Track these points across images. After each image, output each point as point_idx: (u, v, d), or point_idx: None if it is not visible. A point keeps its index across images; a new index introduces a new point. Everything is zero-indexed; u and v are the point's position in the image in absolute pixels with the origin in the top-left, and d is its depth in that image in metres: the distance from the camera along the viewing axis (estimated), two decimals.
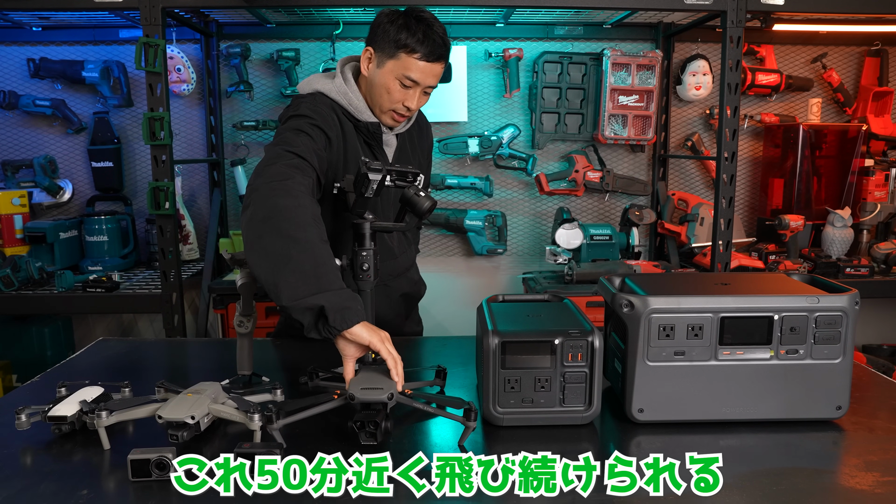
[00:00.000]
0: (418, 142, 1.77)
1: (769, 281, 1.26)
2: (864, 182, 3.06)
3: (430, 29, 1.50)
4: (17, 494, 0.92)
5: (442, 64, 1.54)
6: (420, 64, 1.50)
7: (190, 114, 3.09)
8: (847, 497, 0.92)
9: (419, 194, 1.24)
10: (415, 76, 1.51)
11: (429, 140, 1.84)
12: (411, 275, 1.80)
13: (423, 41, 1.49)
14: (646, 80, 2.99)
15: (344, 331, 1.11)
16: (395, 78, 1.52)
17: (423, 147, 1.80)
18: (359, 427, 1.02)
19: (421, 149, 1.78)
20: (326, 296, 1.12)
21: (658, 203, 3.18)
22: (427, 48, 1.49)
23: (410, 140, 1.73)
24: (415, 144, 1.75)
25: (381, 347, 1.13)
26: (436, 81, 1.56)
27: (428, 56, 1.50)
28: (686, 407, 1.12)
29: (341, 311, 1.11)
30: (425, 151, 1.81)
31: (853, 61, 3.26)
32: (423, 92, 1.56)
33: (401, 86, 1.52)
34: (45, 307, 2.56)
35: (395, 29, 1.50)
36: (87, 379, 1.24)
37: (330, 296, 1.12)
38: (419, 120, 1.79)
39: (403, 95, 1.53)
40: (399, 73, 1.51)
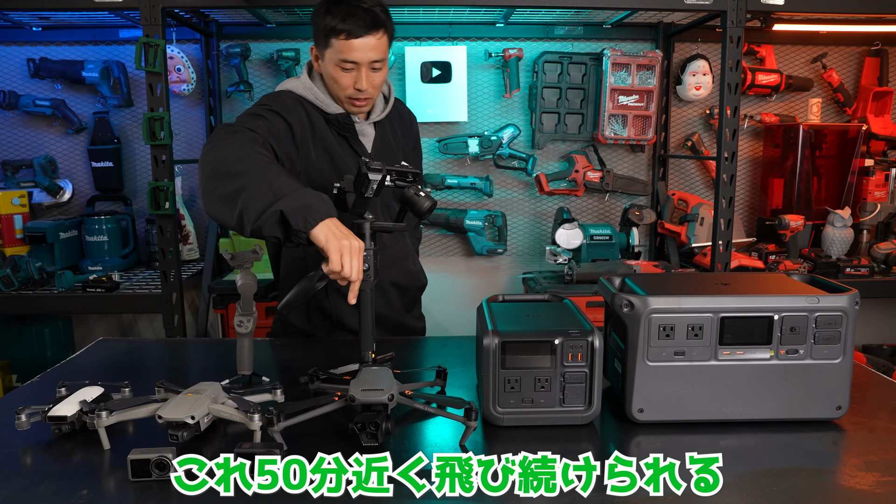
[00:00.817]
0: (402, 132, 1.74)
1: (769, 281, 1.26)
2: (864, 182, 3.06)
3: (352, 5, 1.47)
4: (17, 494, 0.92)
5: (376, 35, 1.49)
6: (350, 43, 1.48)
7: (190, 114, 3.09)
8: (847, 497, 0.92)
9: (419, 194, 1.24)
10: (350, 56, 1.49)
11: (414, 131, 1.81)
12: (406, 265, 1.74)
13: (346, 19, 1.47)
14: (646, 80, 2.99)
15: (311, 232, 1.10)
16: (335, 65, 1.51)
17: (409, 137, 1.77)
18: (360, 428, 1.02)
19: (405, 139, 1.75)
20: (284, 201, 1.12)
21: (658, 203, 3.18)
22: (350, 24, 1.46)
23: (392, 130, 1.70)
24: (397, 135, 1.72)
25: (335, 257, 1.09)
26: (379, 54, 1.51)
27: (354, 32, 1.47)
28: (686, 407, 1.12)
29: (302, 212, 1.11)
30: (410, 142, 1.79)
31: (853, 61, 3.26)
32: (372, 69, 1.52)
33: (343, 70, 1.51)
34: (45, 307, 2.56)
35: (320, 18, 1.50)
36: (87, 379, 1.24)
37: (287, 200, 1.12)
38: (400, 110, 1.77)
39: (351, 79, 1.52)
40: (336, 60, 1.50)
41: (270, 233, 1.16)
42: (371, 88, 1.54)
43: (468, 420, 1.05)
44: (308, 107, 1.57)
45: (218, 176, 1.24)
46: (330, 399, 1.12)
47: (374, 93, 1.57)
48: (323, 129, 1.57)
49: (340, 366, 1.36)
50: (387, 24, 1.52)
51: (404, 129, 1.76)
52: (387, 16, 1.52)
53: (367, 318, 1.19)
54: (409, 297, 1.79)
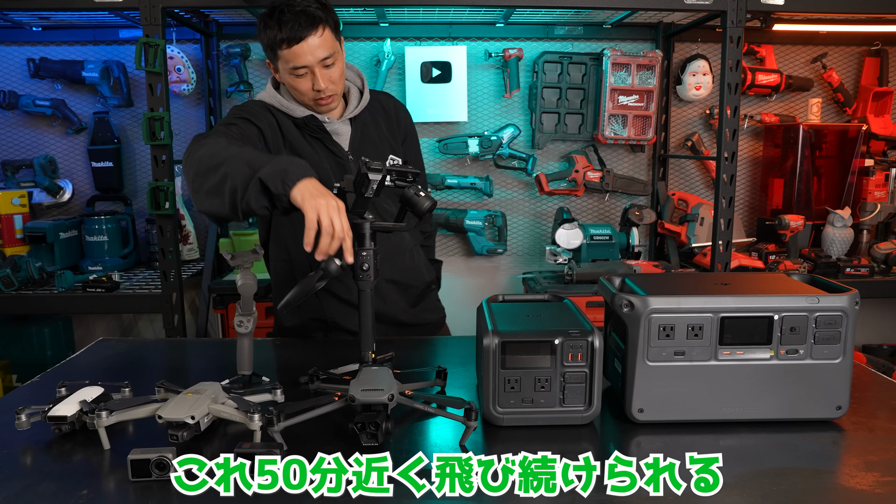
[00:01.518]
0: (387, 126, 1.72)
1: (769, 281, 1.26)
2: (864, 182, 3.06)
3: (284, 12, 1.47)
4: (17, 494, 0.92)
5: (316, 33, 1.48)
6: (293, 50, 1.48)
7: (190, 114, 3.09)
8: (847, 497, 0.92)
9: (419, 194, 1.24)
10: (299, 62, 1.49)
11: (403, 123, 1.77)
12: (401, 262, 1.72)
13: (282, 28, 1.47)
14: (646, 80, 2.99)
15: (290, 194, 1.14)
16: (289, 74, 1.52)
17: (396, 130, 1.74)
18: (360, 429, 1.02)
19: (392, 133, 1.72)
20: (262, 170, 1.16)
21: (658, 203, 3.18)
22: (288, 32, 1.46)
23: (375, 125, 1.68)
24: (381, 130, 1.70)
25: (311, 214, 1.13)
26: (326, 51, 1.50)
27: (294, 38, 1.47)
28: (686, 407, 1.12)
29: (279, 176, 1.15)
30: (399, 136, 1.75)
31: (853, 61, 3.26)
32: (324, 66, 1.52)
33: (298, 77, 1.52)
34: (45, 307, 2.56)
35: (262, 33, 1.52)
36: (87, 379, 1.24)
37: (265, 169, 1.16)
38: (384, 103, 1.74)
39: (308, 83, 1.53)
40: (287, 68, 1.52)
41: (258, 204, 1.20)
42: (331, 85, 1.54)
43: (468, 420, 1.05)
44: (276, 113, 1.59)
45: (201, 174, 1.29)
46: (330, 399, 1.12)
47: (335, 88, 1.56)
48: (293, 134, 1.58)
49: (340, 366, 1.36)
50: (326, 18, 1.50)
51: (389, 122, 1.73)
52: (324, 10, 1.50)
53: (367, 318, 1.19)
54: (411, 294, 1.76)
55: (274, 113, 1.59)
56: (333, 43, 1.52)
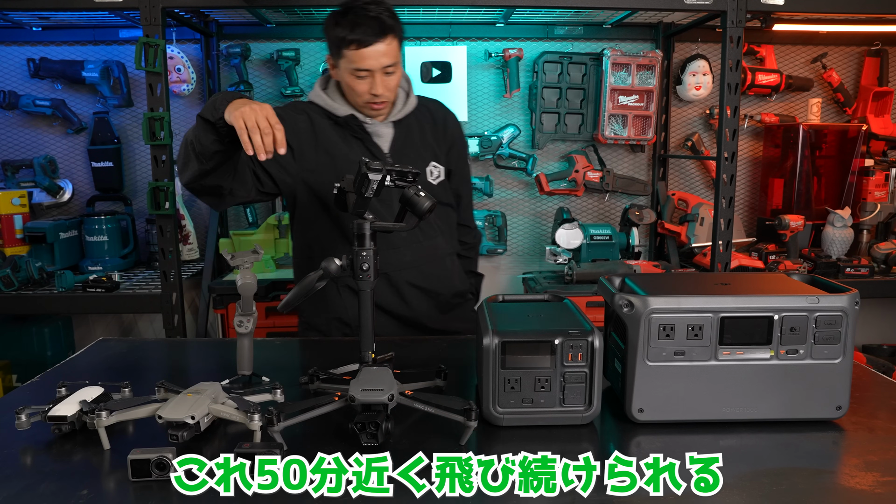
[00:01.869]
0: (432, 133, 1.74)
1: (769, 281, 1.26)
2: (864, 182, 3.06)
3: (359, 15, 1.52)
4: (17, 494, 0.92)
5: (385, 40, 1.53)
6: (361, 52, 1.52)
7: (190, 114, 3.09)
8: (847, 497, 0.92)
9: (419, 194, 1.24)
10: (363, 65, 1.54)
11: (450, 132, 1.79)
12: (428, 268, 1.72)
13: (354, 29, 1.51)
14: (646, 80, 2.99)
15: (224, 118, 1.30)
16: (350, 74, 1.57)
17: (442, 139, 1.76)
18: (360, 429, 1.02)
19: (437, 141, 1.75)
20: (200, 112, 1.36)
21: (658, 203, 3.18)
22: (359, 34, 1.51)
23: (420, 131, 1.71)
24: (426, 136, 1.73)
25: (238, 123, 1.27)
26: (390, 59, 1.56)
27: (363, 42, 1.51)
28: (686, 407, 1.12)
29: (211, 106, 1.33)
30: (444, 145, 1.77)
31: (853, 61, 3.26)
32: (385, 73, 1.57)
33: (358, 78, 1.56)
34: (45, 307, 2.56)
35: (331, 30, 1.56)
36: (87, 379, 1.24)
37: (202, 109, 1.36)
38: (433, 111, 1.77)
39: (366, 85, 1.57)
40: (350, 69, 1.56)
41: (207, 139, 1.37)
42: (387, 92, 1.59)
43: (468, 420, 1.05)
44: (314, 114, 1.65)
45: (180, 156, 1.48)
46: (330, 399, 1.12)
47: (390, 96, 1.62)
48: (328, 133, 1.63)
49: (340, 366, 1.36)
50: (395, 28, 1.56)
51: (436, 130, 1.76)
52: (394, 20, 1.57)
53: (366, 318, 1.19)
54: (440, 301, 1.76)
55: (310, 114, 1.65)
56: (397, 53, 1.58)
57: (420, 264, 1.71)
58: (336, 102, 1.64)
